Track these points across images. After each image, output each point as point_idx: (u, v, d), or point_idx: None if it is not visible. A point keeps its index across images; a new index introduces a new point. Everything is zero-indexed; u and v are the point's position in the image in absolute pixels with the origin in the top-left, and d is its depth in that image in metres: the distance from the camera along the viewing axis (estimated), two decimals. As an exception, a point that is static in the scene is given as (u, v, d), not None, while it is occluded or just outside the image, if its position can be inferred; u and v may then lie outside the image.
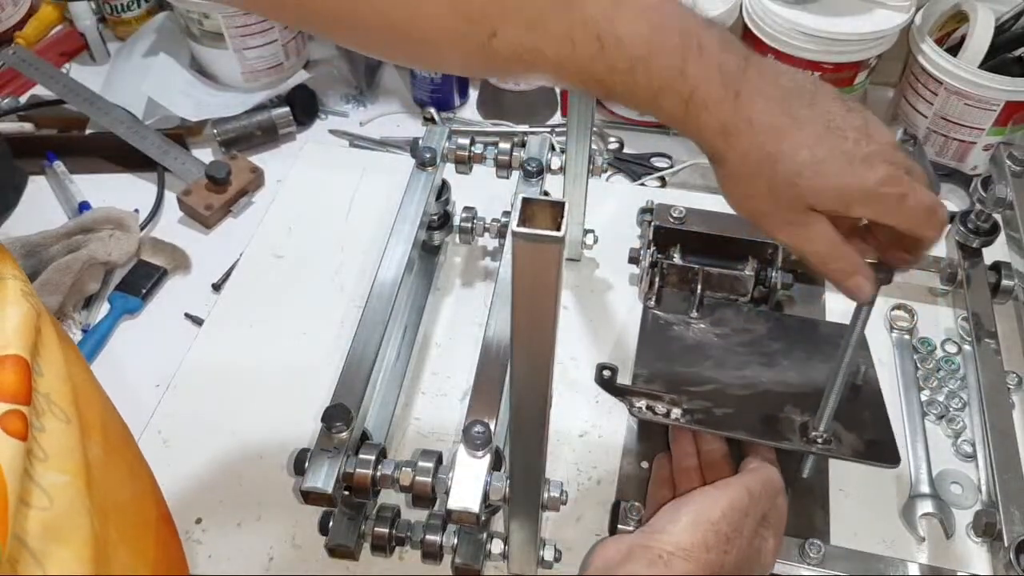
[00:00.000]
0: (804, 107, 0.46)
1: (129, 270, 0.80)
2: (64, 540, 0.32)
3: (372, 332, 0.60)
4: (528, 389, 0.43)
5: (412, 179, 0.71)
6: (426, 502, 0.54)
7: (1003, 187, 0.73)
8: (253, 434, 0.67)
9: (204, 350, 0.73)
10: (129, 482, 0.42)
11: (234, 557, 0.61)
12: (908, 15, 0.86)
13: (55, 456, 0.33)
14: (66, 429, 0.35)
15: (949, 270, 0.75)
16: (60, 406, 0.35)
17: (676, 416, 0.58)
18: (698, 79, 0.44)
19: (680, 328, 0.69)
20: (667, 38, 0.44)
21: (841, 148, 0.46)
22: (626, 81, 0.44)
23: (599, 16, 0.43)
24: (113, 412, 0.45)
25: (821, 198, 0.46)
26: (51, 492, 0.32)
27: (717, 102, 0.45)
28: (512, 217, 0.34)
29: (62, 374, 0.36)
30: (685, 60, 0.44)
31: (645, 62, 0.44)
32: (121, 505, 0.40)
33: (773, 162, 0.45)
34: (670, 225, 0.72)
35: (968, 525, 0.62)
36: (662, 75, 0.44)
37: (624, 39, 0.43)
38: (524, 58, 0.44)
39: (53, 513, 0.32)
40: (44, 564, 0.31)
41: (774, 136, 0.45)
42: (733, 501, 0.52)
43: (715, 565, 0.49)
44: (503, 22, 0.43)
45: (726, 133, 0.45)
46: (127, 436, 0.46)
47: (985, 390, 0.66)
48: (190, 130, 0.92)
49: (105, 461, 0.39)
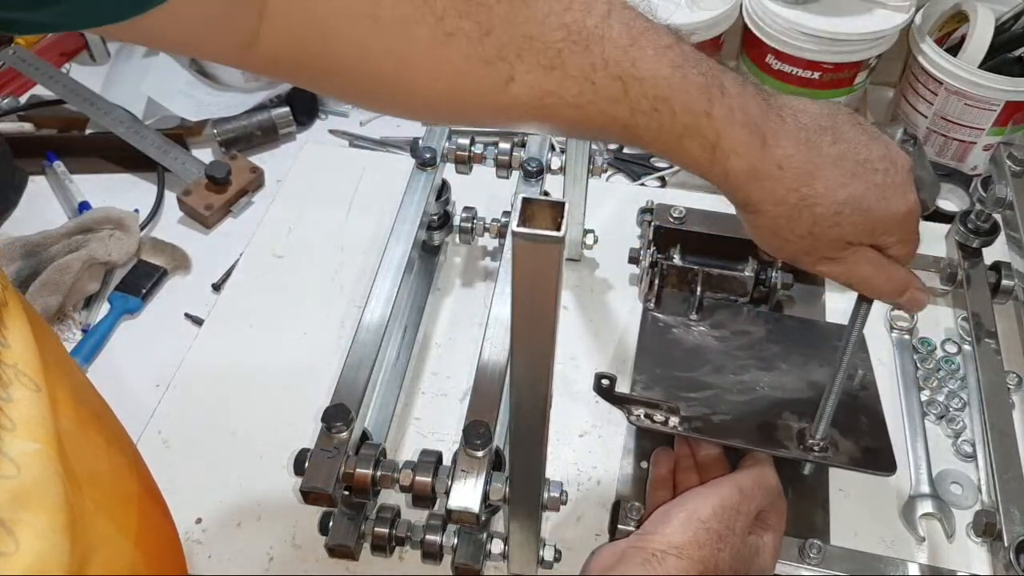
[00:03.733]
0: (828, 144, 0.46)
1: (129, 270, 0.80)
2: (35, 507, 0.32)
3: (372, 332, 0.60)
4: (528, 389, 0.43)
5: (412, 179, 0.71)
6: (426, 502, 0.54)
7: (1003, 187, 0.73)
8: (253, 434, 0.67)
9: (204, 350, 0.73)
10: (105, 455, 0.42)
11: (234, 557, 0.61)
12: (908, 15, 0.86)
13: (23, 424, 0.33)
14: (35, 398, 0.34)
15: (949, 270, 0.75)
16: (28, 375, 0.34)
17: (674, 424, 0.58)
18: (723, 122, 0.43)
19: (679, 331, 0.69)
20: (690, 78, 0.43)
21: (875, 181, 0.46)
22: (649, 124, 0.43)
23: (619, 57, 0.42)
24: (86, 387, 0.44)
25: (862, 233, 0.46)
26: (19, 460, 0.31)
27: (744, 147, 0.44)
28: (512, 217, 0.34)
29: (30, 345, 0.35)
30: (711, 101, 0.43)
31: (669, 103, 0.42)
32: (97, 476, 0.39)
33: (812, 205, 0.45)
34: (670, 225, 0.72)
35: (968, 525, 0.62)
36: (687, 116, 0.43)
37: (646, 80, 0.42)
38: (544, 102, 0.43)
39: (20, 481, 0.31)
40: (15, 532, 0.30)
41: (808, 179, 0.45)
42: (724, 499, 0.53)
43: (709, 562, 0.50)
44: (520, 64, 0.42)
45: (758, 179, 0.45)
46: (103, 410, 0.45)
47: (985, 390, 0.66)
48: (190, 130, 0.92)
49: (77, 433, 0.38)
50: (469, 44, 0.41)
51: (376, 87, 0.44)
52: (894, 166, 0.47)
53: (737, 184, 0.45)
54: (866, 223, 0.46)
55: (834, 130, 0.46)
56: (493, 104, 0.43)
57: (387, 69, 0.42)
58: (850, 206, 0.45)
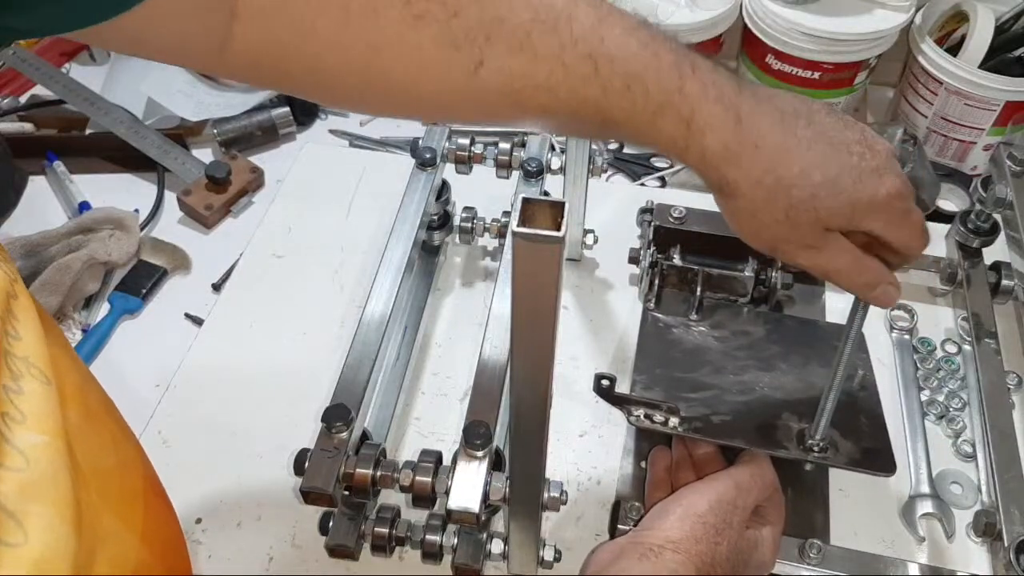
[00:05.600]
0: (803, 127, 0.45)
1: (129, 270, 0.80)
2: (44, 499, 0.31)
3: (372, 332, 0.60)
4: (528, 389, 0.43)
5: (412, 179, 0.71)
6: (426, 502, 0.54)
7: (1003, 187, 0.73)
8: (253, 434, 0.67)
9: (204, 350, 0.73)
10: (112, 450, 0.42)
11: (234, 557, 0.61)
12: (908, 15, 0.86)
13: (33, 417, 0.32)
14: (46, 391, 0.34)
15: (949, 270, 0.75)
16: (39, 367, 0.34)
17: (674, 424, 0.58)
18: (697, 98, 0.43)
19: (679, 331, 0.69)
20: (660, 55, 0.43)
21: (850, 164, 0.45)
22: (622, 103, 0.43)
23: (587, 35, 0.42)
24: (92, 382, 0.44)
25: (839, 217, 0.46)
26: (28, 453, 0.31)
27: (720, 123, 0.43)
28: (512, 217, 0.34)
29: (40, 337, 0.35)
30: (682, 77, 0.43)
31: (641, 79, 0.42)
32: (103, 472, 0.39)
33: (788, 187, 0.45)
34: (670, 225, 0.72)
35: (968, 525, 0.62)
36: (660, 93, 0.43)
37: (617, 57, 0.42)
38: (514, 86, 0.43)
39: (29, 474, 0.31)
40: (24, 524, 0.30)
41: (784, 160, 0.44)
42: (720, 494, 0.53)
43: (706, 556, 0.50)
44: (489, 47, 0.42)
45: (734, 159, 0.44)
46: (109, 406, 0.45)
47: (985, 390, 0.66)
48: (190, 130, 0.92)
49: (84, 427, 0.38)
50: (437, 26, 0.41)
51: (350, 80, 0.44)
52: (871, 150, 0.46)
53: (714, 163, 0.45)
54: (842, 207, 0.46)
55: (808, 116, 0.46)
56: (464, 89, 0.43)
57: (359, 59, 0.42)
58: (825, 189, 0.45)
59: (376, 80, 0.43)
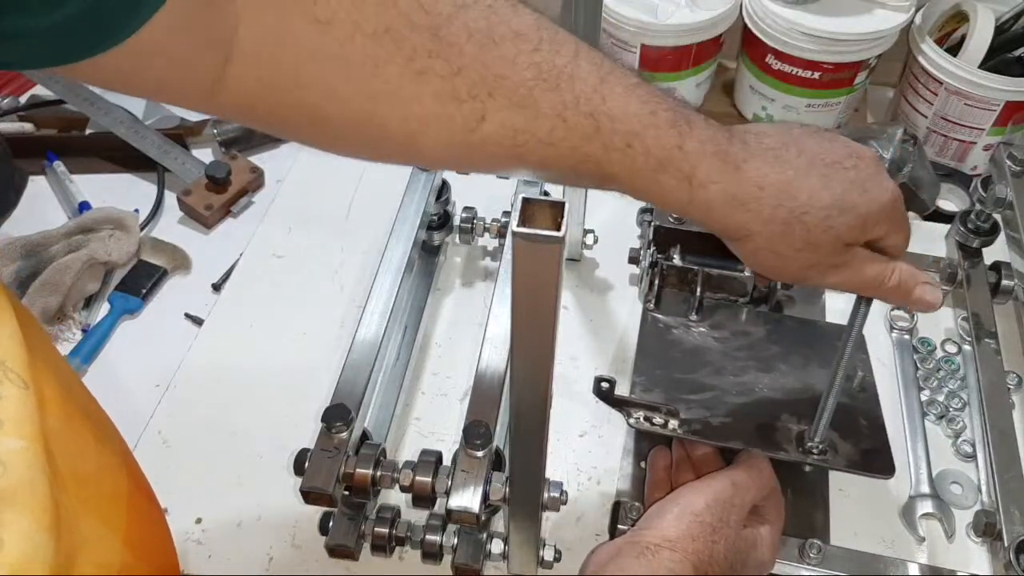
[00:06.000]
0: (795, 156, 0.46)
1: (129, 270, 0.80)
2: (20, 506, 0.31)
3: (372, 332, 0.60)
4: (528, 389, 0.43)
5: (412, 179, 0.71)
6: (426, 502, 0.54)
7: (1003, 187, 0.73)
8: (253, 434, 0.67)
9: (204, 350, 0.73)
10: (94, 452, 0.42)
11: (234, 557, 0.61)
12: (908, 15, 0.86)
13: (11, 422, 0.32)
14: (23, 395, 0.34)
15: (949, 270, 0.75)
16: (16, 371, 0.34)
17: (673, 427, 0.58)
18: (696, 154, 0.43)
19: (679, 332, 0.69)
20: (659, 114, 0.43)
21: (848, 178, 0.46)
22: (623, 160, 0.43)
23: (589, 94, 0.42)
24: (76, 384, 0.44)
25: (855, 230, 0.47)
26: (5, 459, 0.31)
27: (720, 175, 0.44)
28: (512, 217, 0.34)
29: (18, 340, 0.35)
30: (681, 136, 0.43)
31: (641, 139, 0.43)
32: (85, 474, 0.39)
33: (800, 216, 0.45)
34: (670, 225, 0.72)
35: (968, 525, 0.62)
36: (660, 150, 0.43)
37: (617, 117, 0.42)
38: (516, 140, 0.42)
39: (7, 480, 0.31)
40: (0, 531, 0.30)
41: (788, 193, 0.45)
42: (717, 493, 0.53)
43: (703, 555, 0.50)
44: (492, 102, 0.41)
45: (741, 204, 0.45)
46: (93, 408, 0.45)
47: (985, 390, 0.66)
48: (190, 130, 0.92)
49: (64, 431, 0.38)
50: (440, 82, 0.41)
51: (347, 130, 0.43)
52: (861, 160, 0.47)
53: (722, 213, 0.45)
54: (857, 219, 0.46)
55: (795, 143, 0.47)
56: (465, 143, 0.43)
57: (358, 110, 0.41)
58: (837, 207, 0.46)
59: (375, 132, 0.43)
